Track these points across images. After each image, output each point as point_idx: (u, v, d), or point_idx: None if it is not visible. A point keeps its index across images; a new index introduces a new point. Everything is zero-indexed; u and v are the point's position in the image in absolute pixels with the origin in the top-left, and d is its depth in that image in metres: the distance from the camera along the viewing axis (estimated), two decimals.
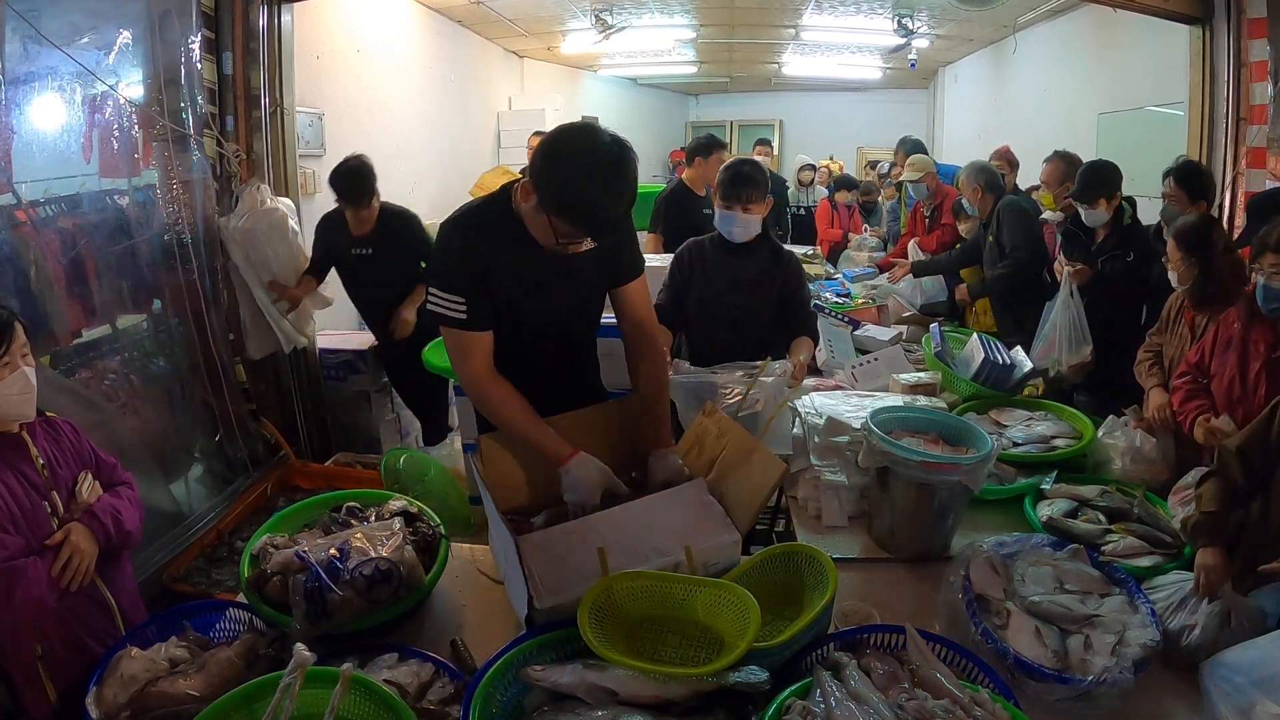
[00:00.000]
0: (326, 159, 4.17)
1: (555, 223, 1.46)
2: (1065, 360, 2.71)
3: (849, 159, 9.64)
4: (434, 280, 1.60)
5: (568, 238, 1.49)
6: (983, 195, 3.57)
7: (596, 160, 1.41)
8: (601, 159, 1.42)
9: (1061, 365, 2.72)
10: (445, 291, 1.57)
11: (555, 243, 1.51)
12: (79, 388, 2.43)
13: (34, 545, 1.49)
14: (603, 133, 1.47)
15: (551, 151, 1.46)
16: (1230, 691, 1.20)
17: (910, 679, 1.20)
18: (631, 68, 8.59)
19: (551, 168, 1.44)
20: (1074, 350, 2.69)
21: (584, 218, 1.45)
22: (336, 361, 3.74)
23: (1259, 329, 1.88)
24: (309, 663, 1.06)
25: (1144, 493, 1.92)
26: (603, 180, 1.42)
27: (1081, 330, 2.71)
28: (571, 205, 1.43)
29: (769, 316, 2.36)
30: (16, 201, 2.28)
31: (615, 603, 1.29)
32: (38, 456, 1.56)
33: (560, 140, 1.47)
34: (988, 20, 5.90)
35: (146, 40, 2.79)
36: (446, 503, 2.69)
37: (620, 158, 1.43)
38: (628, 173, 1.44)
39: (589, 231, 1.48)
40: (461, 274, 1.58)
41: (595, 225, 1.47)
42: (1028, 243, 3.35)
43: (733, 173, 2.32)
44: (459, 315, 1.57)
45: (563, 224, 1.46)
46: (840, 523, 1.93)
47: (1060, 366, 2.73)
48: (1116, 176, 2.86)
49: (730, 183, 2.30)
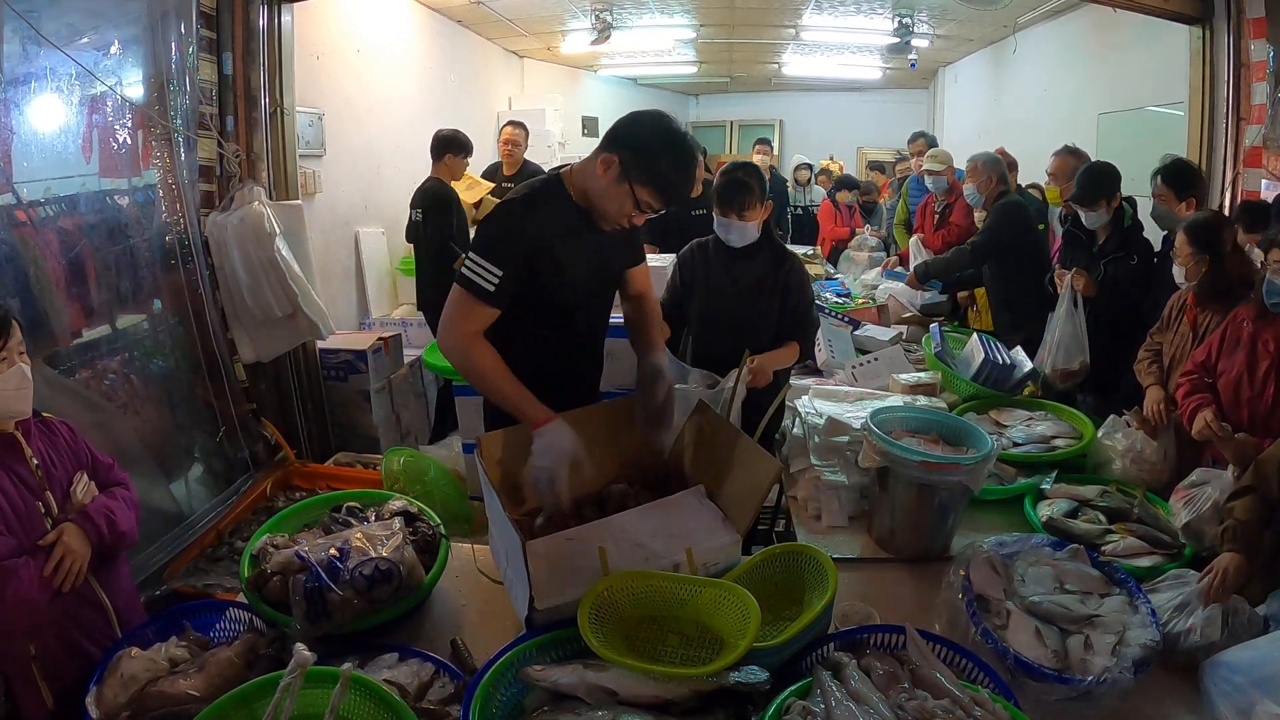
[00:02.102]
0: (326, 159, 4.18)
1: (639, 192, 1.60)
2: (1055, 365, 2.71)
3: (849, 159, 9.63)
4: (479, 247, 1.66)
5: (645, 208, 1.64)
6: (994, 185, 3.56)
7: (682, 140, 1.63)
8: (681, 141, 1.63)
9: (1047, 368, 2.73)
10: (486, 260, 1.63)
11: (631, 212, 1.64)
12: (79, 388, 2.43)
13: (27, 546, 1.48)
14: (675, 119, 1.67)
15: (642, 126, 1.64)
16: (1230, 691, 1.20)
17: (910, 679, 1.20)
18: (631, 68, 8.58)
19: (645, 141, 1.61)
20: (1067, 359, 2.70)
21: (669, 188, 1.62)
22: (336, 361, 3.74)
23: (1269, 329, 1.88)
24: (309, 663, 1.06)
25: (1144, 493, 1.92)
26: (686, 156, 1.63)
27: (1079, 342, 2.71)
28: (662, 176, 1.60)
29: (772, 320, 2.35)
30: (16, 201, 2.28)
31: (615, 603, 1.29)
32: (32, 457, 1.55)
33: (651, 121, 1.65)
34: (988, 20, 5.89)
35: (146, 40, 2.79)
36: (446, 503, 2.68)
37: (693, 143, 1.68)
38: (696, 155, 1.70)
39: (668, 201, 1.63)
40: (510, 248, 1.65)
41: (674, 196, 1.64)
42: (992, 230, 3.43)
43: (727, 180, 2.29)
44: (488, 287, 1.62)
45: (645, 193, 1.61)
46: (840, 523, 1.93)
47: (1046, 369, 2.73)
48: (1116, 178, 2.86)
49: (724, 190, 2.28)
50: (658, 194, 1.61)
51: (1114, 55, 4.77)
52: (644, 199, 1.61)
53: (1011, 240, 3.39)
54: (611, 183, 1.62)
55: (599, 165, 1.62)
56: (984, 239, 3.47)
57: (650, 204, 1.62)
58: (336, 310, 3.75)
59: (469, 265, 1.64)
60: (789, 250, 2.45)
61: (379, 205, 4.70)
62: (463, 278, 1.65)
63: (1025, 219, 3.45)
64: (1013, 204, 3.47)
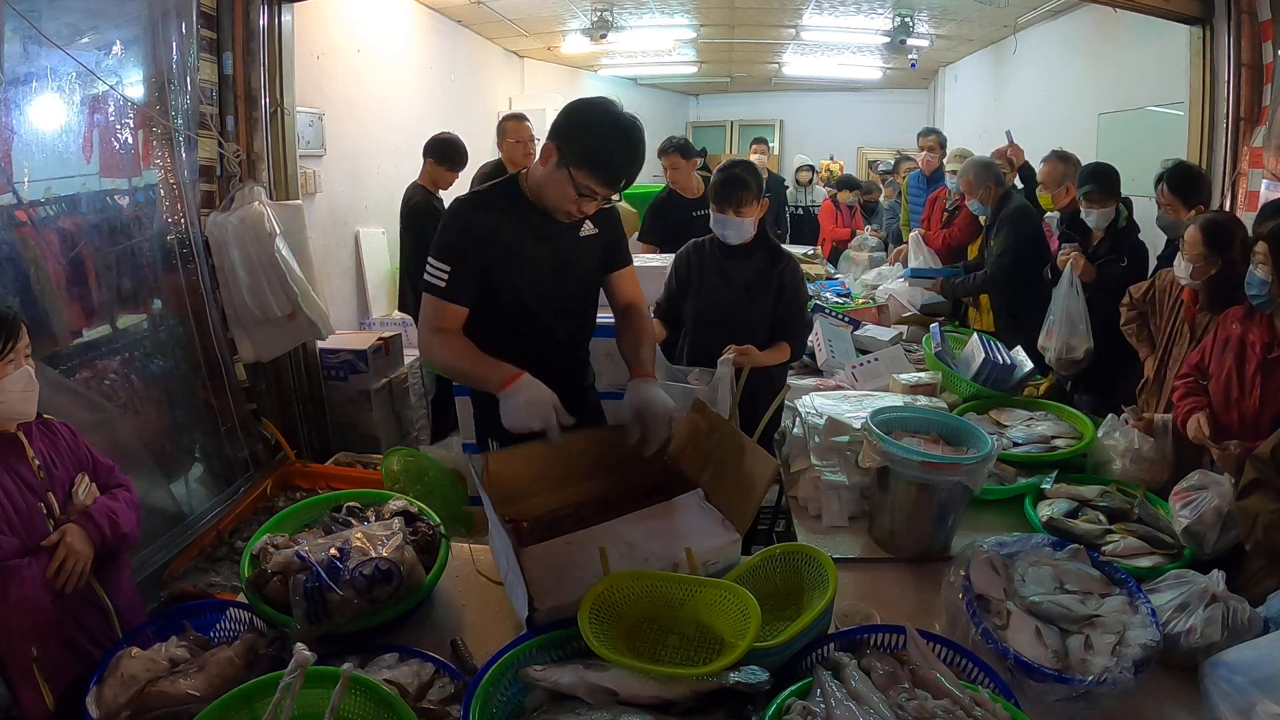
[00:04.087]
0: (326, 159, 4.18)
1: (576, 175, 1.57)
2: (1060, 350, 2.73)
3: (849, 159, 9.64)
4: (432, 249, 1.68)
5: (585, 194, 1.59)
6: (994, 191, 3.54)
7: (618, 120, 1.59)
8: (621, 120, 1.59)
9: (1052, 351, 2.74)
10: (436, 259, 1.67)
11: (573, 199, 1.60)
12: (79, 388, 2.43)
13: (29, 546, 1.49)
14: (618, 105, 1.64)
15: (576, 110, 1.62)
16: (1230, 691, 1.20)
17: (910, 679, 1.20)
18: (632, 68, 8.58)
19: (578, 124, 1.59)
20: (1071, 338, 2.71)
21: (605, 168, 1.57)
22: (336, 361, 3.74)
23: (1256, 329, 1.88)
24: (309, 663, 1.06)
25: (1144, 493, 1.92)
26: (624, 137, 1.58)
27: (1082, 325, 2.72)
28: (595, 155, 1.56)
29: (766, 320, 2.35)
30: (17, 201, 2.28)
31: (615, 603, 1.29)
32: (34, 458, 1.56)
33: (585, 104, 1.64)
34: (988, 20, 5.90)
35: (147, 40, 2.79)
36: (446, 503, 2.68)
37: (635, 122, 1.60)
38: (641, 136, 1.61)
39: (606, 182, 1.59)
40: (456, 244, 1.67)
41: (614, 176, 1.59)
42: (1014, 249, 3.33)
43: (724, 176, 2.31)
44: (439, 283, 1.65)
45: (583, 176, 1.57)
46: (840, 523, 1.93)
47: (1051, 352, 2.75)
48: (1118, 179, 2.88)
49: (721, 186, 2.29)
50: (594, 177, 1.57)
51: (1114, 55, 4.77)
52: (582, 183, 1.57)
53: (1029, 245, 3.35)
54: (551, 170, 1.60)
55: (541, 154, 1.63)
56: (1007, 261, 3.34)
57: (590, 187, 1.58)
58: (336, 310, 3.75)
59: (427, 267, 1.68)
60: (784, 250, 2.45)
61: (379, 205, 4.70)
62: (424, 280, 1.69)
63: (1032, 221, 3.44)
64: (1019, 212, 3.42)
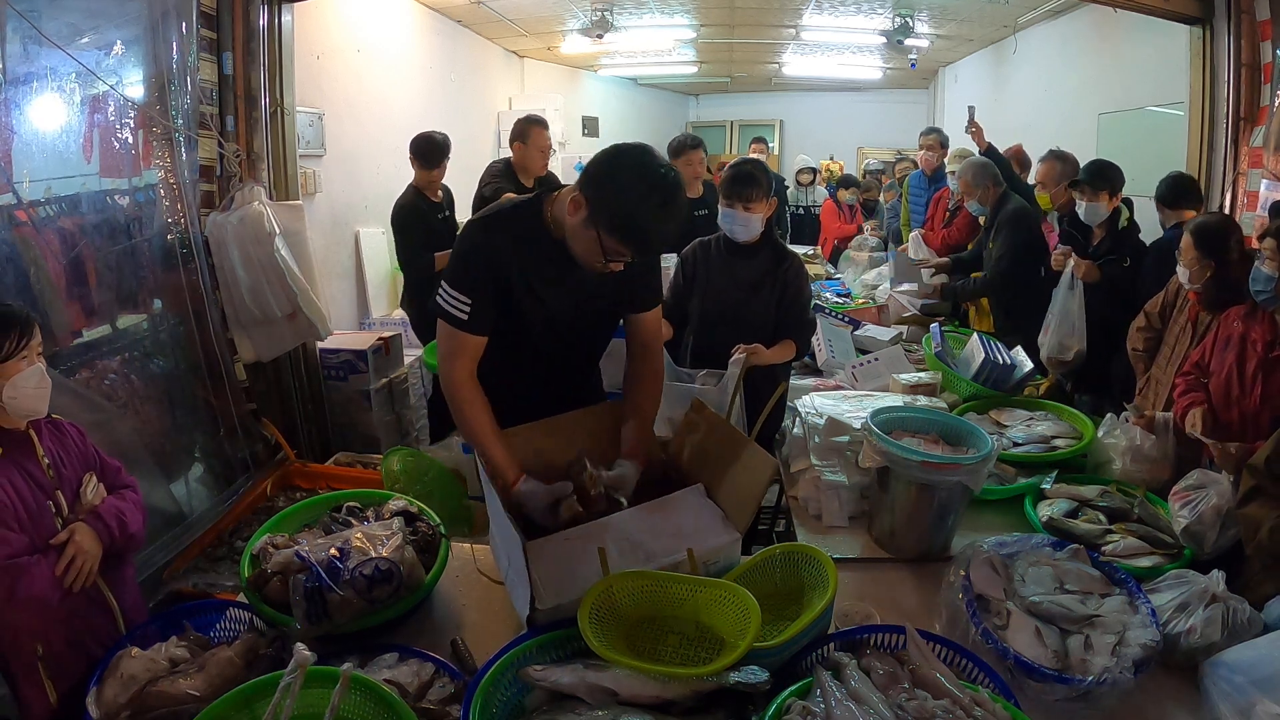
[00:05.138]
0: (326, 159, 4.18)
1: (605, 239, 1.45)
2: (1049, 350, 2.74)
3: (849, 159, 9.63)
4: (447, 276, 1.61)
5: (614, 256, 1.48)
6: (992, 192, 3.53)
7: (654, 184, 1.43)
8: (659, 184, 1.43)
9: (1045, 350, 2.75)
10: (454, 289, 1.59)
11: (599, 259, 1.50)
12: (79, 388, 2.43)
13: (38, 544, 1.49)
14: (658, 156, 1.49)
15: (611, 170, 1.46)
16: (1230, 691, 1.20)
17: (910, 679, 1.20)
18: (632, 68, 8.58)
19: (610, 185, 1.44)
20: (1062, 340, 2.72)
21: (637, 238, 1.45)
22: (336, 361, 3.74)
23: (1258, 327, 1.88)
24: (309, 662, 1.06)
25: (1144, 493, 1.92)
26: (660, 204, 1.42)
27: (1074, 325, 2.73)
28: (627, 225, 1.43)
29: (770, 319, 2.36)
30: (17, 201, 2.28)
31: (616, 603, 1.29)
32: (43, 456, 1.57)
33: (621, 160, 1.47)
34: (988, 20, 5.89)
35: (147, 40, 2.79)
36: (446, 503, 2.68)
37: (675, 184, 1.45)
38: (681, 200, 1.47)
39: (637, 252, 1.49)
40: (475, 274, 1.59)
41: (645, 247, 1.49)
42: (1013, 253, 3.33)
43: (734, 172, 2.35)
44: (460, 315, 1.58)
45: (612, 242, 1.45)
46: (840, 523, 1.93)
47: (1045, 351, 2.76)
48: (1120, 176, 2.88)
49: (732, 181, 2.33)
50: (625, 245, 1.45)
51: (1114, 55, 4.77)
52: (611, 248, 1.46)
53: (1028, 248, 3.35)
54: (579, 225, 1.48)
55: (570, 204, 1.50)
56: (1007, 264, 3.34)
57: (619, 252, 1.47)
58: (336, 310, 3.75)
59: (442, 294, 1.60)
60: (789, 249, 2.47)
61: (379, 205, 4.69)
62: (439, 307, 1.60)
63: (1031, 223, 3.44)
64: (1018, 214, 3.42)
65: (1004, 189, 3.54)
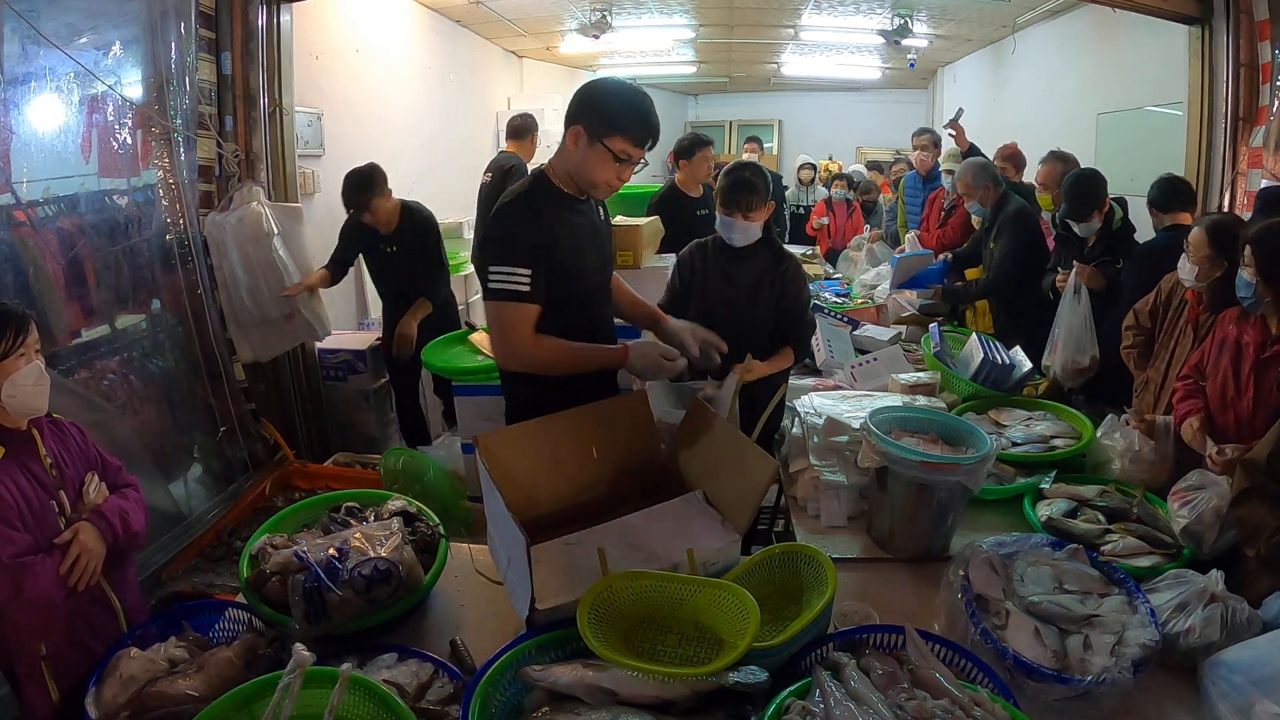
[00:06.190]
0: (326, 159, 4.17)
1: (611, 144, 1.64)
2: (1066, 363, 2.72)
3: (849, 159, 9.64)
4: (495, 257, 1.68)
5: (623, 159, 1.67)
6: (992, 192, 3.53)
7: (627, 85, 1.72)
8: (630, 85, 1.72)
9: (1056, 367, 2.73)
10: (510, 266, 1.66)
11: (613, 172, 1.69)
12: (78, 388, 2.43)
13: (41, 544, 1.49)
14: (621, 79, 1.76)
15: (588, 90, 1.71)
16: (1229, 691, 1.20)
17: (910, 679, 1.20)
18: (631, 68, 8.57)
19: (595, 99, 1.68)
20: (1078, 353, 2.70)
21: (639, 122, 1.66)
22: (336, 361, 3.74)
23: (1251, 329, 1.88)
24: (308, 663, 1.06)
25: (1143, 493, 1.92)
26: (640, 94, 1.70)
27: (1088, 336, 2.71)
28: (626, 116, 1.65)
29: (768, 321, 2.34)
30: (16, 201, 2.28)
31: (615, 603, 1.28)
32: (46, 455, 1.57)
33: (593, 82, 1.75)
34: (987, 20, 5.90)
35: (146, 40, 2.79)
36: (446, 503, 2.68)
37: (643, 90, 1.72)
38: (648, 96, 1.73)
39: (640, 140, 1.67)
40: (528, 246, 1.67)
41: (645, 133, 1.67)
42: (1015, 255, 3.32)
43: (733, 179, 2.30)
44: (523, 288, 1.65)
45: (617, 142, 1.65)
46: (840, 523, 1.92)
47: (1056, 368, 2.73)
48: (1102, 185, 2.85)
49: (730, 189, 2.28)
50: (627, 138, 1.65)
51: (1113, 55, 4.78)
52: (618, 149, 1.65)
53: (1030, 247, 3.35)
54: (585, 149, 1.67)
55: (569, 142, 1.68)
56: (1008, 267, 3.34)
57: (626, 151, 1.66)
58: (336, 310, 3.74)
59: (495, 276, 1.67)
60: (787, 250, 2.45)
61: None
62: (496, 290, 1.67)
63: (1032, 224, 3.43)
64: (1018, 215, 3.42)
65: (1003, 189, 3.54)
